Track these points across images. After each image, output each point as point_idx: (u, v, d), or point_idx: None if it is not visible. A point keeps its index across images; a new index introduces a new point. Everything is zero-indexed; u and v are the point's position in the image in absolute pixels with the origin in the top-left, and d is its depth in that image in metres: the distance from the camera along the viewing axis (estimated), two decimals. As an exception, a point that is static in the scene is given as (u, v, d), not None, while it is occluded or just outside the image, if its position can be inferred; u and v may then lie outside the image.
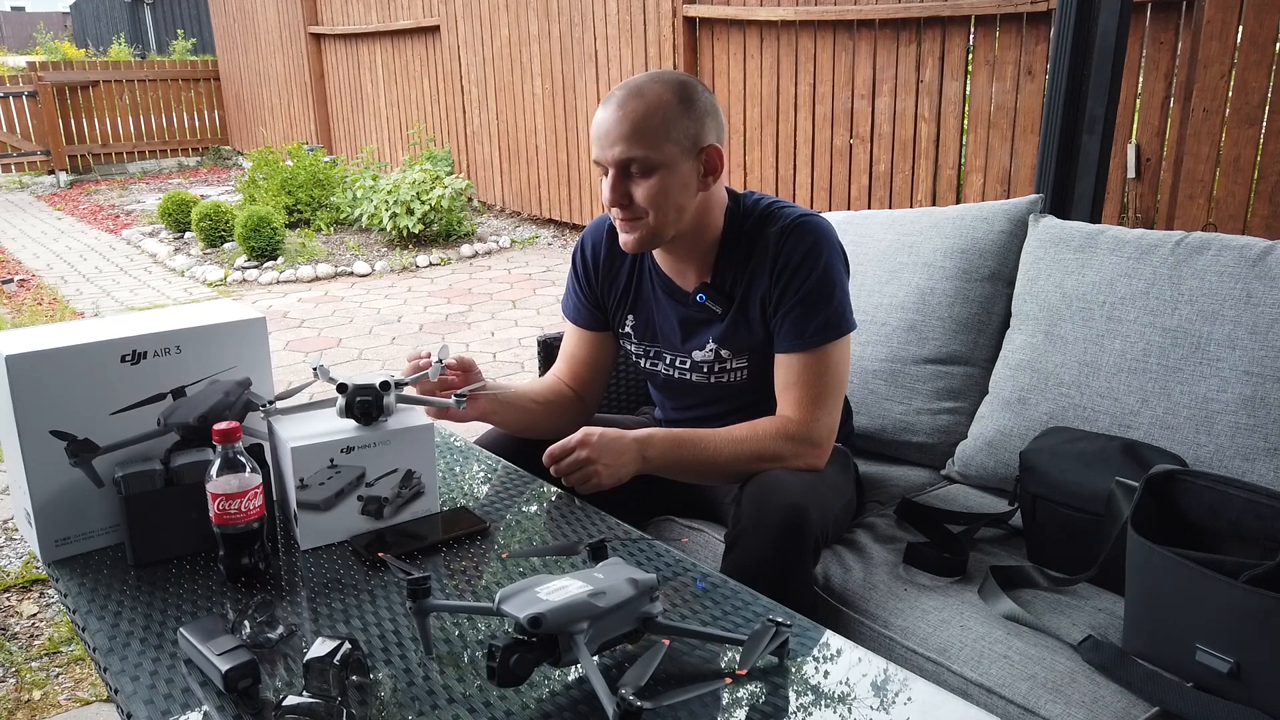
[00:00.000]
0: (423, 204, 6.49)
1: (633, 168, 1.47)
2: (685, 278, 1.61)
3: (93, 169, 11.12)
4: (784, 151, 5.28)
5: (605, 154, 1.47)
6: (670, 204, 1.49)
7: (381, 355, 4.49)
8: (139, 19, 21.16)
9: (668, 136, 1.45)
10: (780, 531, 1.36)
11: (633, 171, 1.47)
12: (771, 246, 1.53)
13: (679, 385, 1.67)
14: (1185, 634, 1.17)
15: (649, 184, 1.47)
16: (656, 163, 1.46)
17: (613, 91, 1.49)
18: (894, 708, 0.98)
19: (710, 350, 1.60)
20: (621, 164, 1.47)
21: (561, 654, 0.96)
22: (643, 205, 1.48)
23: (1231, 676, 1.12)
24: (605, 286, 1.70)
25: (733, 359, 1.60)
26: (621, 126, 1.45)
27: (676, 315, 1.63)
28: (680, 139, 1.47)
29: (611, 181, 1.48)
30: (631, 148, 1.45)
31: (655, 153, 1.45)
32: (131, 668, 1.07)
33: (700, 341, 1.61)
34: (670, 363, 1.66)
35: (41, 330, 1.33)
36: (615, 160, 1.46)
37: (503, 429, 1.67)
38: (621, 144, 1.45)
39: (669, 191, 1.48)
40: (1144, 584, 1.23)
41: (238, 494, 1.19)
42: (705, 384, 1.64)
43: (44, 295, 5.83)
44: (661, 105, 1.46)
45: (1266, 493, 1.25)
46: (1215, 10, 3.47)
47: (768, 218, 1.56)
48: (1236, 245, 1.57)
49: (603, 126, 1.47)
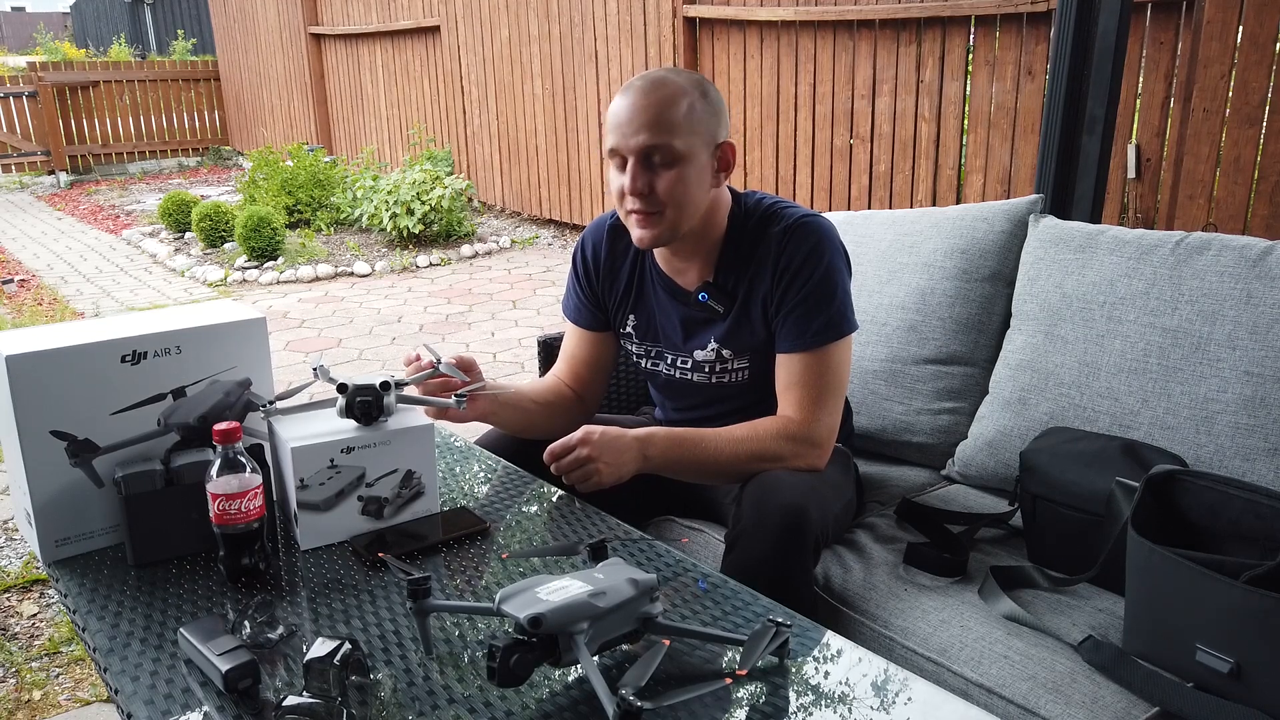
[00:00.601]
0: (423, 204, 6.49)
1: (655, 157, 1.45)
2: (686, 277, 1.60)
3: (93, 169, 11.12)
4: (784, 151, 5.28)
5: (627, 142, 1.45)
6: (689, 198, 1.48)
7: (381, 355, 4.49)
8: (139, 19, 21.16)
9: (690, 128, 1.45)
10: (780, 531, 1.35)
11: (655, 162, 1.45)
12: (774, 246, 1.52)
13: (680, 385, 1.67)
14: (1185, 634, 1.17)
15: (670, 175, 1.45)
16: (679, 153, 1.45)
17: (630, 82, 1.48)
18: (894, 708, 0.98)
19: (712, 350, 1.60)
20: (644, 152, 1.44)
21: (561, 654, 0.96)
22: (662, 198, 1.46)
23: (1232, 677, 1.12)
24: (606, 286, 1.69)
25: (734, 359, 1.60)
26: (647, 114, 1.43)
27: (678, 315, 1.62)
28: (701, 132, 1.46)
29: (632, 171, 1.45)
30: (656, 135, 1.43)
31: (679, 142, 1.44)
32: (132, 668, 1.07)
33: (702, 341, 1.61)
34: (671, 363, 1.65)
35: (42, 330, 1.33)
36: (638, 148, 1.44)
37: (502, 430, 1.67)
38: (646, 131, 1.43)
39: (688, 185, 1.47)
40: (1144, 584, 1.23)
41: (238, 494, 1.19)
42: (706, 384, 1.64)
43: (44, 295, 5.83)
44: (685, 96, 1.45)
45: (1266, 493, 1.25)
46: (1215, 10, 3.47)
47: (770, 217, 1.55)
48: (1237, 245, 1.57)
49: (624, 114, 1.45)
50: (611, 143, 1.47)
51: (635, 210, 1.48)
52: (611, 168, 1.50)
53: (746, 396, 1.63)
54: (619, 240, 1.67)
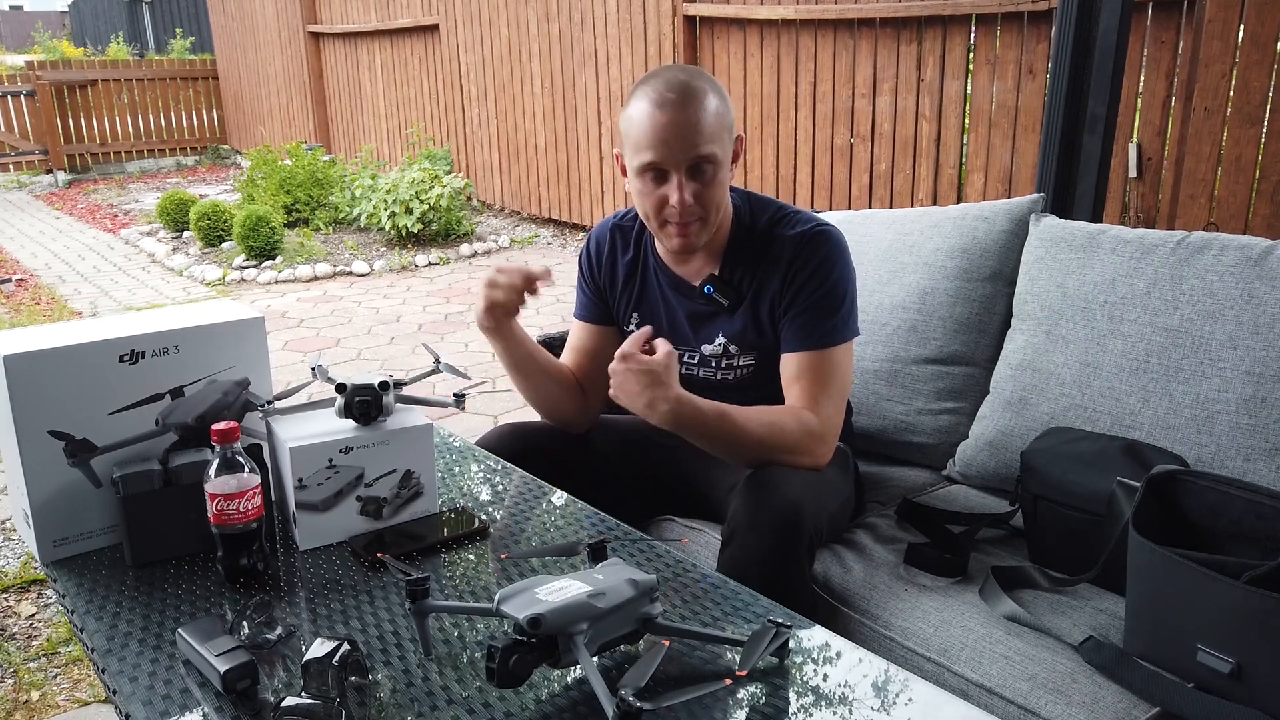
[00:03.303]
0: (421, 203, 6.48)
1: (705, 167, 1.46)
2: (690, 269, 1.62)
3: (91, 168, 11.11)
4: (784, 150, 5.27)
5: (677, 155, 1.44)
6: (725, 200, 1.51)
7: (380, 355, 4.48)
8: (137, 18, 21.15)
9: (721, 132, 1.47)
10: (775, 529, 1.36)
11: (702, 171, 1.46)
12: (788, 249, 1.55)
13: (683, 382, 1.67)
14: (1186, 635, 1.17)
15: (713, 183, 1.47)
16: (720, 160, 1.47)
17: (654, 89, 1.45)
18: (894, 708, 0.98)
19: (720, 344, 1.61)
20: (697, 164, 1.45)
21: (561, 655, 0.96)
22: (707, 205, 1.48)
23: (1233, 677, 1.12)
24: (608, 281, 1.71)
25: (741, 355, 1.61)
26: (693, 127, 1.43)
27: (684, 309, 1.63)
28: (728, 131, 1.49)
29: (679, 184, 1.45)
30: (705, 147, 1.44)
31: (719, 149, 1.47)
32: (130, 668, 1.06)
33: (710, 335, 1.62)
34: (679, 359, 1.66)
35: (39, 330, 1.32)
36: (692, 160, 1.45)
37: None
38: (700, 144, 1.44)
39: (725, 187, 1.51)
40: (1145, 585, 1.23)
41: (236, 494, 1.19)
42: (711, 380, 1.64)
43: (42, 295, 5.83)
44: (711, 98, 1.47)
45: (1268, 493, 1.24)
46: (1216, 9, 3.47)
47: (782, 220, 1.58)
48: (1238, 245, 1.57)
49: (669, 130, 1.43)
50: (650, 159, 1.46)
51: (678, 221, 1.49)
52: (643, 180, 1.49)
53: (747, 394, 1.63)
54: (621, 239, 1.70)
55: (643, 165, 1.47)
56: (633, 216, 1.70)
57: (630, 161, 1.51)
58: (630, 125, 1.49)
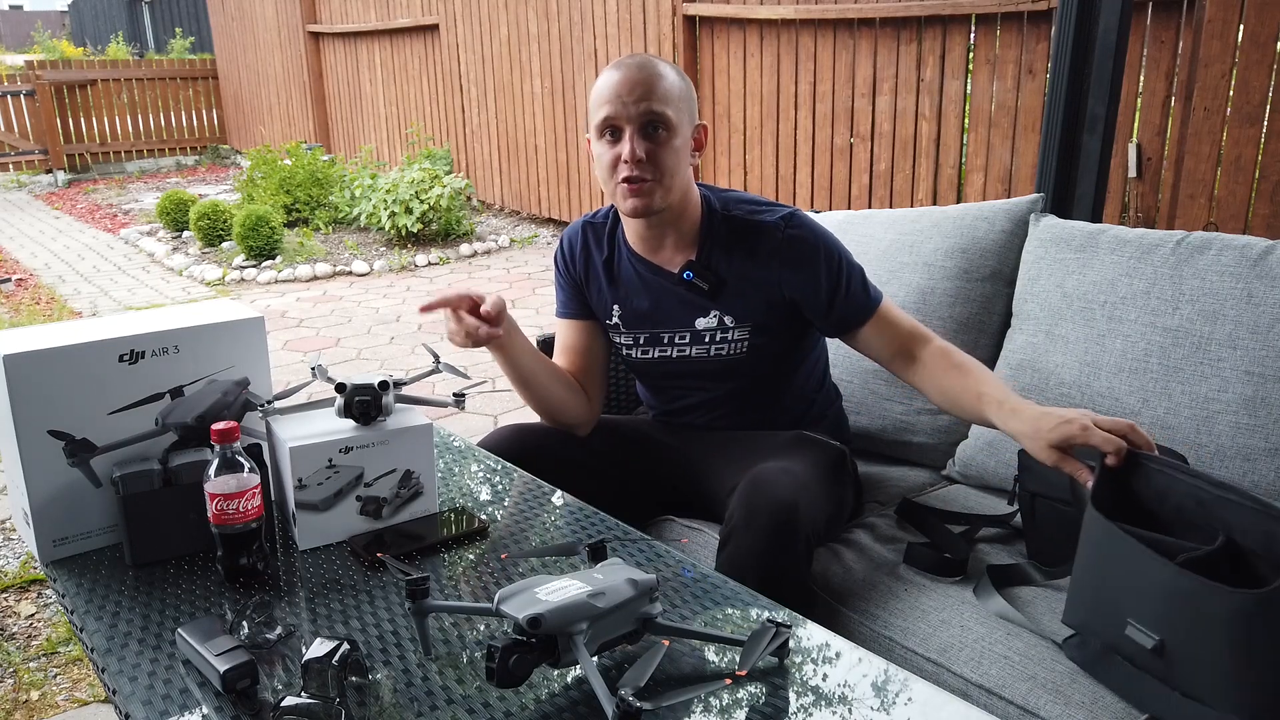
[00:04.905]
0: (421, 203, 6.48)
1: (653, 126, 1.49)
2: (665, 256, 1.63)
3: (90, 168, 11.11)
4: (784, 150, 5.27)
5: (627, 110, 1.48)
6: (679, 169, 1.54)
7: (380, 355, 4.48)
8: (137, 17, 21.15)
9: (679, 103, 1.52)
10: (771, 529, 1.36)
11: (651, 131, 1.50)
12: (773, 244, 1.57)
13: (675, 367, 1.68)
14: (1120, 608, 1.17)
15: (666, 144, 1.51)
16: (673, 124, 1.51)
17: (615, 62, 1.53)
18: (894, 708, 0.98)
19: (714, 315, 1.63)
20: (646, 120, 1.49)
21: (561, 655, 0.96)
22: (659, 166, 1.50)
23: (1155, 653, 1.13)
24: (584, 276, 1.72)
25: (736, 328, 1.62)
26: (647, 85, 1.49)
27: (666, 295, 1.64)
28: (686, 108, 1.54)
29: (631, 138, 1.49)
30: (656, 104, 1.49)
31: (672, 113, 1.50)
32: (129, 668, 1.06)
33: (703, 310, 1.63)
34: (669, 341, 1.66)
35: (39, 330, 1.32)
36: (641, 114, 1.48)
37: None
38: (649, 100, 1.48)
39: (679, 156, 1.53)
40: (1089, 556, 1.23)
41: (236, 494, 1.19)
42: (705, 358, 1.65)
43: (42, 294, 5.83)
44: (676, 77, 1.53)
45: (1210, 480, 1.22)
46: (1216, 9, 3.47)
47: (750, 206, 1.62)
48: (1238, 245, 1.57)
49: (622, 85, 1.49)
50: (606, 113, 1.50)
51: (629, 178, 1.51)
52: (600, 143, 1.53)
53: (741, 377, 1.64)
54: (594, 234, 1.72)
55: (600, 123, 1.52)
56: (604, 214, 1.72)
57: (591, 126, 1.55)
58: (593, 94, 1.54)
